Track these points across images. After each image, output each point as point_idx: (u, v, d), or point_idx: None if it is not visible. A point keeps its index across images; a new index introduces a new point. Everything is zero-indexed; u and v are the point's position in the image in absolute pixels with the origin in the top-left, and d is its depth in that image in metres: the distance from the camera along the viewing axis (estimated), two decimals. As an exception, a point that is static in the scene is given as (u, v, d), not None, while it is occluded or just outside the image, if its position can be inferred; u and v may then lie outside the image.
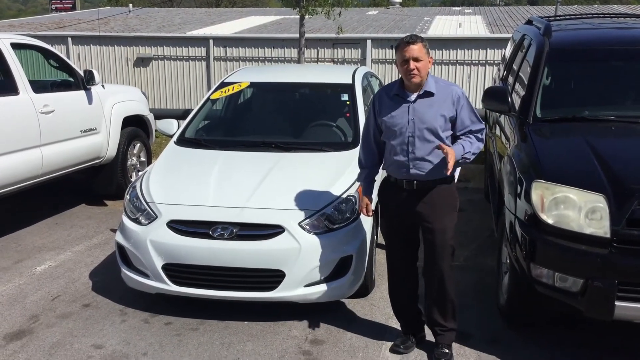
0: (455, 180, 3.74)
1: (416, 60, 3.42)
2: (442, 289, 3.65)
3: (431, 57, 3.53)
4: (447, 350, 3.71)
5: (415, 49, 3.42)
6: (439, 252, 3.59)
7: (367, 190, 3.86)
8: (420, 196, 3.56)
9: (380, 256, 5.25)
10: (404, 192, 3.59)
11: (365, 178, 3.85)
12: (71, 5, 29.11)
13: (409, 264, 3.80)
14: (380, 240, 5.53)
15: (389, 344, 3.90)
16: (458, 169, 3.86)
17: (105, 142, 6.88)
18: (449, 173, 3.40)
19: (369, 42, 16.00)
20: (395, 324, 4.11)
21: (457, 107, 3.50)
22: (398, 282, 3.86)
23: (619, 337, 3.99)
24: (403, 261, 3.79)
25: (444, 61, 15.37)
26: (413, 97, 3.51)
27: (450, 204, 3.61)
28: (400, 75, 3.54)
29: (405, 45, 3.44)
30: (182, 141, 5.25)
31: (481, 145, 3.60)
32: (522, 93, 4.83)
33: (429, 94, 3.50)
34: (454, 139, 3.56)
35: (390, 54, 15.92)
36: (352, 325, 4.17)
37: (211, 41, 16.89)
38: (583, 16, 6.78)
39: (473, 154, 3.53)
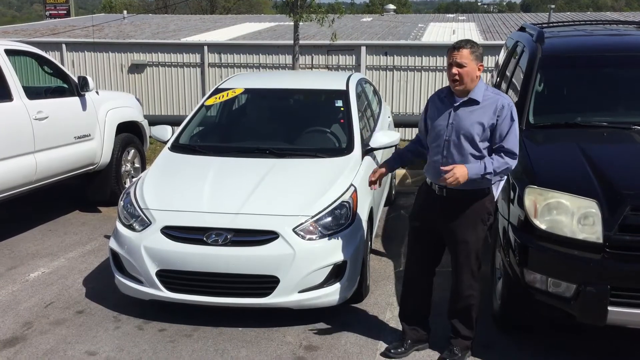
0: (495, 197, 3.65)
1: (459, 66, 3.38)
2: (459, 300, 3.65)
3: (481, 64, 3.42)
4: (458, 353, 3.70)
5: (460, 55, 3.38)
6: (460, 264, 3.58)
7: (389, 161, 3.85)
8: (448, 204, 3.52)
9: (375, 262, 5.27)
10: (434, 196, 3.58)
11: (396, 152, 3.82)
12: (65, 12, 29.09)
13: (425, 271, 3.78)
14: (375, 246, 5.56)
15: (383, 349, 3.90)
16: (500, 184, 3.77)
17: (99, 149, 6.87)
18: (446, 182, 3.34)
19: (363, 49, 16.03)
20: (389, 329, 4.11)
21: (498, 115, 3.40)
22: (410, 286, 3.84)
23: (612, 342, 4.00)
24: (418, 266, 3.78)
25: (438, 68, 15.39)
26: (458, 102, 3.48)
27: (479, 217, 3.53)
28: None
29: (452, 50, 3.42)
30: (177, 147, 5.25)
31: (509, 166, 3.43)
32: (515, 99, 4.85)
33: (473, 102, 3.45)
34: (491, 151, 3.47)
35: (384, 60, 15.96)
36: (346, 331, 4.17)
37: (206, 48, 16.88)
38: (575, 23, 6.83)
39: (497, 173, 3.42)
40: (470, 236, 3.53)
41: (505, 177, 3.70)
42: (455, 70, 3.39)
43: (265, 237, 4.03)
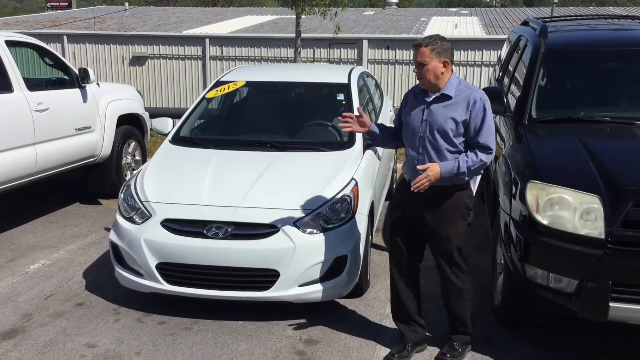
0: (473, 191, 3.63)
1: (420, 64, 3.38)
2: (451, 296, 3.65)
3: (446, 60, 3.37)
4: (458, 349, 3.69)
5: (419, 53, 3.37)
6: (444, 261, 3.58)
7: (372, 126, 3.72)
8: (427, 201, 3.49)
9: (375, 256, 5.26)
10: (413, 193, 3.50)
11: (379, 126, 3.78)
12: (67, 4, 28.99)
13: (409, 265, 3.72)
14: (375, 240, 5.55)
15: (384, 343, 3.90)
16: (477, 178, 3.72)
17: (99, 141, 6.85)
18: (414, 189, 3.35)
19: (365, 43, 15.99)
20: (389, 324, 4.11)
21: (471, 110, 3.37)
22: (398, 286, 3.77)
23: (613, 338, 3.99)
24: (402, 261, 3.72)
25: (440, 62, 15.37)
26: (431, 98, 3.45)
27: (457, 212, 3.51)
28: None
29: (413, 49, 3.42)
30: (177, 140, 5.23)
31: (483, 162, 3.40)
32: (518, 94, 4.83)
33: (446, 97, 3.42)
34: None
35: (386, 54, 15.93)
36: (347, 325, 4.17)
37: (207, 40, 16.86)
38: (579, 17, 6.80)
39: (472, 171, 3.40)
40: (451, 232, 3.51)
41: (482, 172, 3.64)
42: (417, 68, 3.40)
43: (265, 230, 4.02)
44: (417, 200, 3.51)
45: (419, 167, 3.41)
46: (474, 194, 3.66)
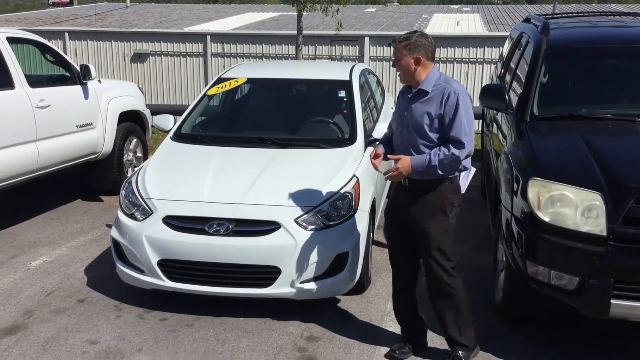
0: (463, 189, 3.53)
1: (395, 60, 3.44)
2: (434, 299, 3.55)
3: (418, 56, 3.34)
4: (462, 357, 3.54)
5: (395, 49, 3.43)
6: (425, 258, 3.49)
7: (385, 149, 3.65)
8: (411, 195, 3.49)
9: (377, 253, 5.26)
10: (400, 188, 3.58)
11: (381, 143, 3.75)
12: (68, 1, 28.98)
13: (408, 268, 3.67)
14: (377, 237, 5.55)
15: (384, 340, 3.90)
16: (468, 174, 3.56)
17: (101, 137, 6.85)
18: (385, 178, 3.38)
19: (366, 40, 15.96)
20: (391, 321, 4.11)
21: (445, 104, 3.34)
22: (399, 286, 3.74)
23: (615, 335, 3.99)
24: (400, 264, 3.69)
25: (442, 59, 15.31)
26: (411, 94, 3.48)
27: (438, 207, 3.44)
28: None
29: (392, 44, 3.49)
30: (179, 137, 5.23)
31: (455, 156, 3.31)
32: (520, 91, 4.82)
33: (423, 92, 3.42)
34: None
35: (388, 51, 15.88)
36: (348, 322, 4.17)
37: (209, 37, 16.82)
38: (581, 14, 6.78)
39: (445, 165, 3.32)
40: (431, 227, 3.42)
41: (474, 169, 3.56)
42: (394, 64, 3.46)
43: (267, 227, 4.02)
44: (403, 194, 3.54)
45: (389, 156, 3.48)
46: (462, 190, 3.55)
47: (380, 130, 5.07)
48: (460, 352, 3.55)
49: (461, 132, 3.33)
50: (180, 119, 5.48)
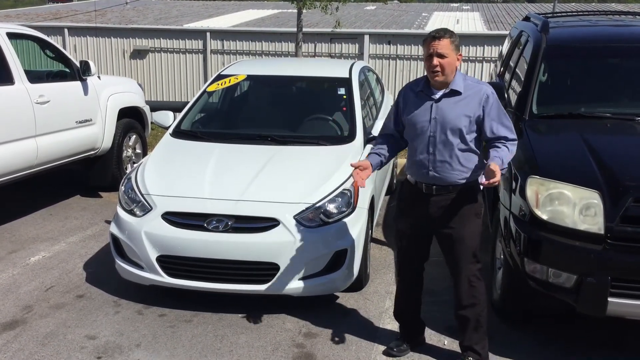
0: (482, 187, 3.45)
1: (440, 56, 3.21)
2: (464, 307, 3.45)
3: (460, 54, 3.29)
4: None
5: (441, 45, 3.20)
6: (459, 266, 3.41)
7: (372, 163, 3.51)
8: (439, 201, 3.36)
9: (375, 251, 5.27)
10: (422, 195, 3.40)
11: (375, 155, 3.56)
12: (68, -4, 28.95)
13: (417, 272, 3.66)
14: (375, 234, 5.56)
15: (382, 337, 3.91)
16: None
17: (100, 134, 6.86)
18: (487, 185, 3.12)
19: (366, 37, 15.97)
20: (389, 318, 4.12)
21: (484, 106, 3.26)
22: (405, 286, 3.71)
23: (612, 333, 4.00)
24: (412, 267, 3.64)
25: (441, 57, 15.36)
26: (438, 95, 3.31)
27: (472, 211, 3.37)
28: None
29: (430, 40, 3.23)
30: (178, 133, 5.24)
31: (514, 154, 3.32)
32: (519, 89, 4.83)
33: (455, 93, 3.28)
34: (478, 142, 3.34)
35: (387, 49, 15.90)
36: (346, 319, 4.18)
37: (208, 34, 16.83)
38: (580, 13, 6.78)
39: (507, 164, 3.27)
40: (466, 233, 3.35)
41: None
42: (436, 61, 3.21)
43: (265, 224, 4.03)
44: (428, 203, 3.38)
45: (492, 168, 3.06)
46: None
47: (380, 128, 5.08)
48: (471, 358, 3.51)
49: (511, 129, 3.31)
50: (179, 116, 5.48)
